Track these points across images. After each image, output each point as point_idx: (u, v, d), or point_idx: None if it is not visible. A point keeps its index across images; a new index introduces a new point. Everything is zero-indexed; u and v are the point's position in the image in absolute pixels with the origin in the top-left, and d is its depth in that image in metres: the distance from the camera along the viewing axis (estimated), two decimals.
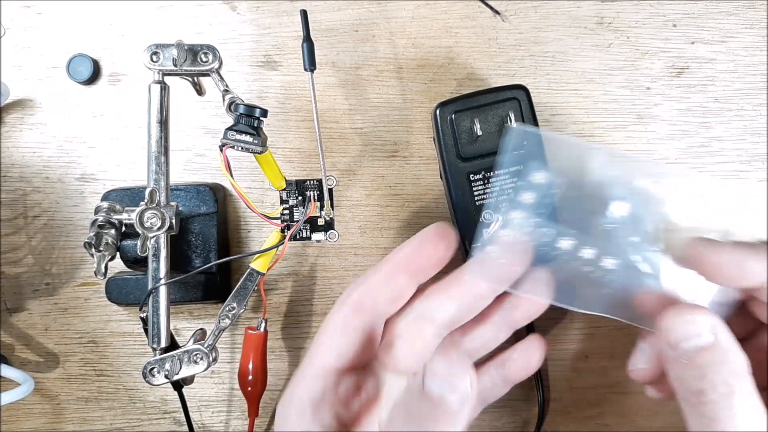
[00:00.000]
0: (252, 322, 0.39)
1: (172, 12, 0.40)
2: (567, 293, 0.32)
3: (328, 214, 0.40)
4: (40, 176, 0.40)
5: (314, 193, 0.40)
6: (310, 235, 0.39)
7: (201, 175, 0.40)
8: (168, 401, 0.40)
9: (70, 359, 0.40)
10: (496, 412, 0.40)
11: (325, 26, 0.40)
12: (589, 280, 0.31)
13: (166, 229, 0.33)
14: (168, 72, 0.33)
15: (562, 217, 0.31)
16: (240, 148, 0.31)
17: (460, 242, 0.34)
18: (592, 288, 0.31)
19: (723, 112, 0.40)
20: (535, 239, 0.31)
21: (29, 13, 0.40)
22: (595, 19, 0.40)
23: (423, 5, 0.40)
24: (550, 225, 0.31)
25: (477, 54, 0.40)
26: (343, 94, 0.40)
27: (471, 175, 0.36)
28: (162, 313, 0.33)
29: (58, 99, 0.40)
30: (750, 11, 0.40)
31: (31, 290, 0.40)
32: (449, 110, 0.36)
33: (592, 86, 0.40)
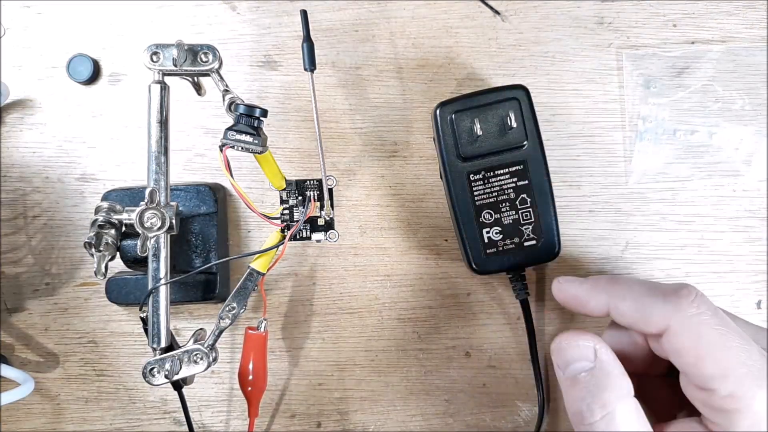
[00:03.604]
0: (252, 322, 0.39)
1: (172, 12, 0.40)
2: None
3: (328, 214, 0.40)
4: (40, 176, 0.40)
5: (314, 193, 0.40)
6: (310, 235, 0.39)
7: (201, 175, 0.40)
8: (168, 401, 0.40)
9: (70, 359, 0.40)
10: (497, 412, 0.40)
11: (325, 26, 0.40)
12: None
13: (166, 229, 0.33)
14: (168, 72, 0.33)
15: None
16: (240, 148, 0.31)
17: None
18: None
19: (723, 112, 0.40)
20: None
21: (29, 13, 0.40)
22: (595, 19, 0.40)
23: (423, 5, 0.40)
24: None
25: (477, 54, 0.40)
26: (343, 94, 0.40)
27: (471, 175, 0.36)
28: (162, 313, 0.33)
29: (58, 99, 0.40)
30: (750, 11, 0.40)
31: (31, 290, 0.40)
32: (449, 110, 0.36)
33: (592, 86, 0.40)
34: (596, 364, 0.28)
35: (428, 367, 0.40)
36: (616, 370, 0.27)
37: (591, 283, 0.31)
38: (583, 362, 0.28)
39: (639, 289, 0.29)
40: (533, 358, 0.38)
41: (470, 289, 0.40)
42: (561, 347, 0.29)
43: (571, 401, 0.28)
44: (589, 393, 0.27)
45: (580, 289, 0.31)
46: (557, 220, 0.36)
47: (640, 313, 0.28)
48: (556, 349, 0.29)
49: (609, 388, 0.27)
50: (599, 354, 0.28)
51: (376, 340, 0.40)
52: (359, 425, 0.40)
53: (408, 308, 0.40)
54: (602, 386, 0.27)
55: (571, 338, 0.29)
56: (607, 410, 0.26)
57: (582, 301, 0.31)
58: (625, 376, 0.27)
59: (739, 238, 0.40)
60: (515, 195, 0.36)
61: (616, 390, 0.27)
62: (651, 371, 0.32)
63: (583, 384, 0.27)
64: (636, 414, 0.26)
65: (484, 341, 0.40)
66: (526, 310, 0.38)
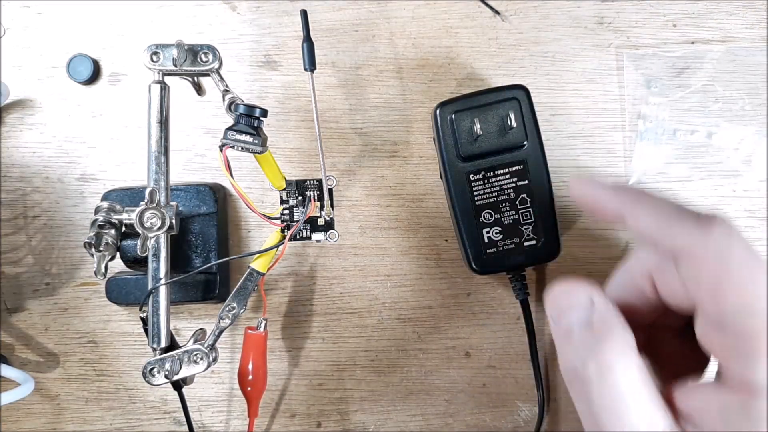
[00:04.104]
0: (252, 322, 0.39)
1: (172, 12, 0.40)
2: None
3: (328, 214, 0.40)
4: (40, 176, 0.40)
5: (314, 193, 0.40)
6: (310, 235, 0.39)
7: (201, 175, 0.40)
8: (168, 401, 0.40)
9: (70, 359, 0.40)
10: (497, 412, 0.40)
11: (325, 26, 0.40)
12: None
13: (166, 229, 0.33)
14: (168, 72, 0.33)
15: None
16: (240, 148, 0.31)
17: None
18: None
19: (723, 112, 0.40)
20: None
21: (29, 13, 0.40)
22: (595, 19, 0.40)
23: (423, 5, 0.40)
24: None
25: (477, 54, 0.40)
26: (343, 94, 0.40)
27: (471, 175, 0.36)
28: (162, 313, 0.33)
29: (58, 99, 0.40)
30: (750, 11, 0.40)
31: (31, 290, 0.40)
32: (449, 110, 0.36)
33: (592, 86, 0.40)
34: (593, 314, 0.24)
35: (428, 367, 0.40)
36: (616, 320, 0.24)
37: (614, 185, 0.27)
38: (578, 312, 0.24)
39: (664, 204, 0.25)
40: (533, 358, 0.38)
41: (470, 289, 0.40)
42: (554, 296, 0.26)
43: (564, 356, 0.24)
44: (584, 345, 0.24)
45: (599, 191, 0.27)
46: (557, 220, 0.36)
47: (664, 226, 0.24)
48: (549, 299, 0.26)
49: (607, 340, 0.23)
50: (596, 302, 0.25)
51: (376, 340, 0.40)
52: (359, 425, 0.40)
53: (408, 308, 0.40)
54: (599, 338, 0.24)
55: (566, 286, 0.25)
56: (604, 365, 0.23)
57: (600, 200, 0.27)
58: (627, 328, 0.24)
59: None
60: (515, 195, 0.36)
61: (615, 343, 0.23)
62: (663, 322, 0.28)
63: (578, 336, 0.24)
64: (638, 371, 0.23)
65: (484, 341, 0.40)
66: (526, 310, 0.38)
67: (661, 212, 0.25)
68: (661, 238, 0.24)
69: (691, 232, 0.23)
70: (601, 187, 0.27)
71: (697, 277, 0.23)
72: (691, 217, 0.24)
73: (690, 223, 0.24)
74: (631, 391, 0.23)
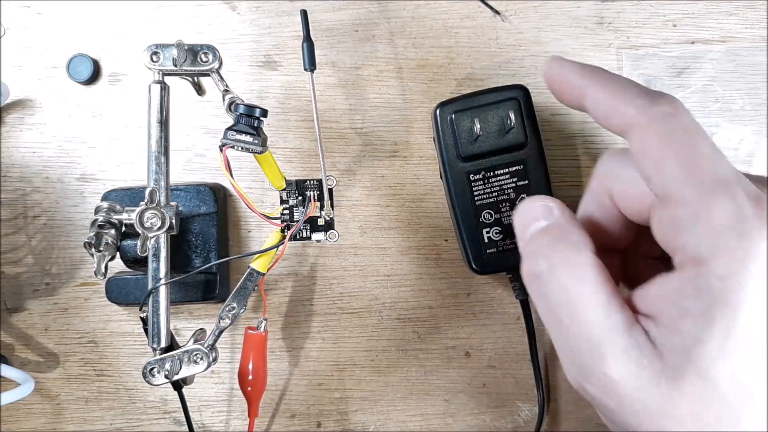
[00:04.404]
0: (252, 322, 0.39)
1: (172, 12, 0.40)
2: None
3: (328, 214, 0.40)
4: (40, 176, 0.40)
5: (314, 193, 0.40)
6: (310, 235, 0.39)
7: (201, 175, 0.40)
8: (168, 401, 0.40)
9: (70, 359, 0.40)
10: (497, 412, 0.40)
11: (325, 26, 0.40)
12: None
13: (166, 229, 0.33)
14: (168, 72, 0.33)
15: None
16: (240, 148, 0.31)
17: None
18: None
19: (723, 112, 0.40)
20: None
21: (29, 13, 0.40)
22: (595, 19, 0.40)
23: (423, 5, 0.40)
24: None
25: (477, 54, 0.40)
26: (343, 94, 0.40)
27: (471, 175, 0.36)
28: (162, 313, 0.33)
29: (58, 99, 0.40)
30: (750, 11, 0.40)
31: (31, 290, 0.40)
32: (449, 110, 0.36)
33: None
34: (552, 221, 0.25)
35: (428, 367, 0.40)
36: (574, 226, 0.24)
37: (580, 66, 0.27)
38: (539, 221, 0.25)
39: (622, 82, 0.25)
40: (533, 358, 0.38)
41: (470, 289, 0.40)
42: (518, 212, 0.26)
43: (524, 262, 0.24)
44: (541, 247, 0.24)
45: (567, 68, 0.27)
46: None
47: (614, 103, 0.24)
48: (516, 216, 0.26)
49: (561, 240, 0.24)
50: (555, 212, 0.25)
51: (376, 340, 0.40)
52: (359, 425, 0.40)
53: (408, 308, 0.40)
54: (555, 239, 0.24)
55: (529, 201, 0.26)
56: (557, 261, 0.23)
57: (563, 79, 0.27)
58: (584, 234, 0.24)
59: None
60: (515, 195, 0.36)
61: (568, 240, 0.24)
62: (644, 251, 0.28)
63: (536, 241, 0.24)
64: (593, 268, 0.23)
65: (484, 341, 0.40)
66: (526, 310, 0.38)
67: (616, 90, 0.25)
68: (613, 114, 0.24)
69: (639, 105, 0.23)
70: (569, 65, 0.27)
71: (643, 150, 0.23)
72: (642, 92, 0.24)
73: (640, 98, 0.23)
74: (584, 285, 0.22)
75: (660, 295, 0.22)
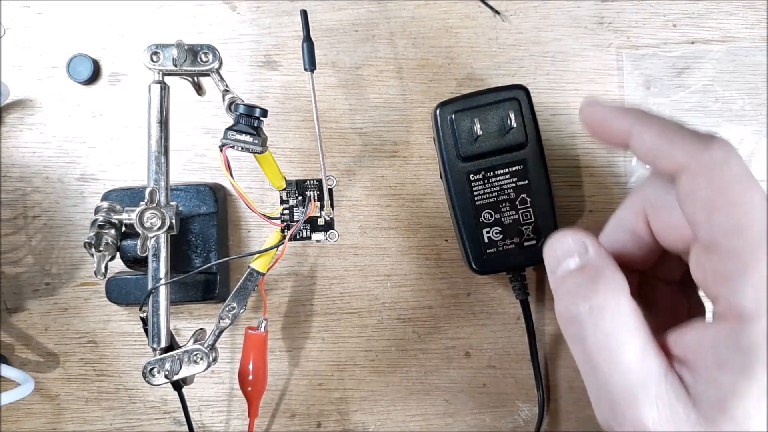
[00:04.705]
0: (252, 322, 0.39)
1: (172, 12, 0.40)
2: None
3: (328, 214, 0.40)
4: (40, 176, 0.40)
5: (314, 193, 0.40)
6: (310, 235, 0.39)
7: (201, 175, 0.40)
8: (168, 401, 0.40)
9: (70, 359, 0.40)
10: (497, 412, 0.40)
11: (325, 26, 0.40)
12: None
13: (166, 229, 0.33)
14: (168, 72, 0.33)
15: None
16: (240, 148, 0.31)
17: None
18: None
19: (723, 112, 0.40)
20: None
21: (29, 13, 0.40)
22: (595, 19, 0.40)
23: (423, 5, 0.40)
24: None
25: (477, 54, 0.40)
26: (343, 94, 0.40)
27: (471, 175, 0.36)
28: (162, 313, 0.33)
29: (58, 99, 0.40)
30: (750, 11, 0.40)
31: (31, 290, 0.40)
32: (449, 110, 0.36)
33: (592, 86, 0.40)
34: (587, 260, 0.25)
35: (428, 367, 0.40)
36: (608, 263, 0.24)
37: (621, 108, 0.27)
38: (573, 258, 0.25)
39: (669, 123, 0.25)
40: (533, 358, 0.38)
41: (470, 289, 0.40)
42: (551, 245, 0.26)
43: (559, 301, 0.24)
44: (577, 288, 0.24)
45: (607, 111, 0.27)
46: (557, 220, 0.36)
47: (663, 145, 0.24)
48: (547, 248, 0.26)
49: (599, 282, 0.24)
50: (590, 249, 0.25)
51: (376, 340, 0.40)
52: (359, 425, 0.40)
53: (408, 308, 0.40)
54: (592, 280, 0.24)
55: (561, 235, 0.26)
56: (595, 304, 0.23)
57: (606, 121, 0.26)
58: (619, 272, 0.24)
59: None
60: (515, 195, 0.36)
61: (607, 284, 0.23)
62: (662, 274, 0.28)
63: (572, 280, 0.24)
64: (631, 312, 0.23)
65: (484, 341, 0.40)
66: (526, 310, 0.38)
67: (663, 131, 0.24)
68: (661, 156, 0.24)
69: (690, 149, 0.23)
70: (609, 108, 0.27)
71: (693, 195, 0.22)
72: (691, 135, 0.23)
73: (690, 141, 0.23)
74: (623, 331, 0.22)
75: (698, 342, 0.22)
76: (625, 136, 0.26)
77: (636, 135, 0.25)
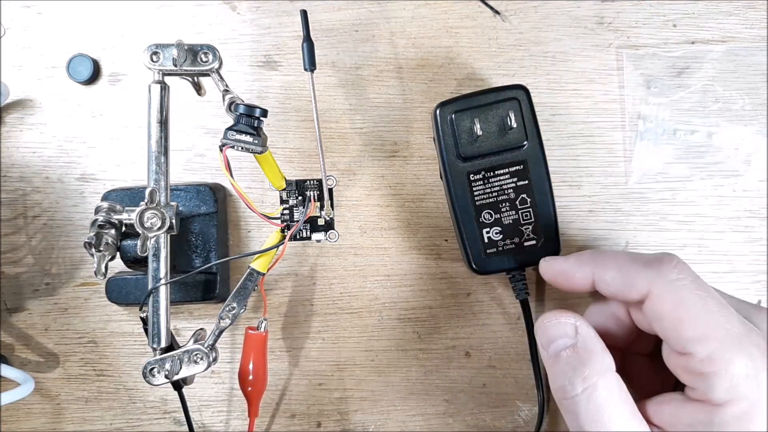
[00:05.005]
0: (252, 322, 0.39)
1: (172, 12, 0.40)
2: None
3: (328, 214, 0.40)
4: (40, 176, 0.40)
5: (314, 193, 0.40)
6: (310, 235, 0.39)
7: (201, 175, 0.40)
8: (168, 401, 0.40)
9: (70, 359, 0.40)
10: (497, 412, 0.40)
11: (325, 26, 0.40)
12: None
13: (166, 229, 0.33)
14: (168, 72, 0.33)
15: None
16: (240, 148, 0.31)
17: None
18: None
19: (723, 112, 0.40)
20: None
21: (29, 13, 0.40)
22: (595, 19, 0.40)
23: (423, 5, 0.40)
24: None
25: (477, 54, 0.40)
26: (343, 94, 0.40)
27: (471, 175, 0.36)
28: (162, 313, 0.33)
29: (58, 99, 0.40)
30: (750, 11, 0.40)
31: (31, 290, 0.40)
32: (449, 110, 0.36)
33: (592, 86, 0.40)
34: (577, 341, 0.28)
35: (428, 367, 0.40)
36: (598, 346, 0.28)
37: (575, 258, 0.31)
38: (564, 339, 0.28)
39: (622, 259, 0.29)
40: (533, 358, 0.38)
41: (470, 289, 0.40)
42: (543, 326, 0.30)
43: (553, 378, 0.28)
44: (571, 368, 0.27)
45: (565, 265, 0.32)
46: (557, 220, 0.36)
47: (623, 281, 0.28)
48: (539, 328, 0.30)
49: (590, 362, 0.27)
50: (580, 330, 0.28)
51: (376, 340, 0.40)
52: (359, 425, 0.40)
53: (408, 308, 0.40)
54: (583, 361, 0.27)
55: (553, 316, 0.29)
56: (588, 383, 0.27)
57: (568, 276, 0.31)
58: (607, 352, 0.28)
59: (739, 238, 0.40)
60: (515, 195, 0.36)
61: (597, 365, 0.27)
62: (636, 349, 0.32)
63: (565, 360, 0.28)
64: (618, 388, 0.27)
65: (484, 341, 0.40)
66: (526, 310, 0.38)
67: (619, 269, 0.29)
68: (625, 292, 0.28)
69: (646, 277, 0.27)
70: (563, 261, 0.32)
71: (658, 315, 0.27)
72: (643, 262, 0.28)
73: (645, 270, 0.28)
74: (612, 406, 0.26)
75: (675, 416, 0.27)
76: (589, 283, 0.30)
77: (598, 280, 0.30)
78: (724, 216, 0.40)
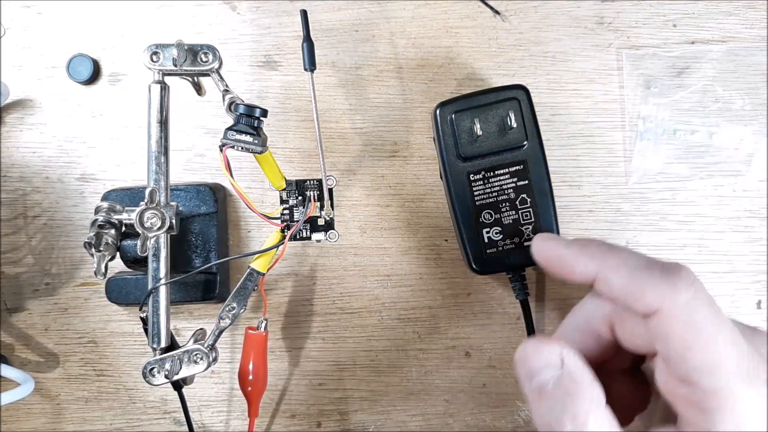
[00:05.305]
0: (252, 322, 0.39)
1: (172, 12, 0.40)
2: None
3: (328, 214, 0.40)
4: (40, 176, 0.40)
5: (314, 193, 0.40)
6: (310, 235, 0.39)
7: (201, 175, 0.40)
8: (168, 401, 0.40)
9: (70, 359, 0.40)
10: (497, 412, 0.40)
11: (325, 26, 0.40)
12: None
13: (166, 229, 0.33)
14: (168, 72, 0.33)
15: None
16: (240, 148, 0.31)
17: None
18: None
19: (723, 112, 0.40)
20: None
21: (29, 13, 0.40)
22: (595, 19, 0.40)
23: (423, 5, 0.40)
24: None
25: (477, 54, 0.40)
26: (343, 94, 0.40)
27: (471, 175, 0.36)
28: (162, 313, 0.33)
29: (58, 99, 0.40)
30: (750, 11, 0.40)
31: (31, 290, 0.40)
32: (449, 110, 0.36)
33: (592, 86, 0.40)
34: (564, 373, 0.25)
35: (428, 367, 0.40)
36: (586, 377, 0.25)
37: (579, 247, 0.27)
38: (549, 370, 0.25)
39: (635, 263, 0.26)
40: None
41: (470, 289, 0.40)
42: (524, 356, 0.26)
43: (538, 414, 0.25)
44: (558, 404, 0.24)
45: (566, 252, 0.27)
46: (557, 220, 0.36)
47: (632, 291, 0.25)
48: (519, 360, 0.26)
49: (579, 398, 0.24)
50: (566, 361, 0.25)
51: (376, 340, 0.40)
52: (359, 425, 0.40)
53: (408, 308, 0.40)
54: (572, 396, 0.24)
55: (535, 345, 0.26)
56: (578, 422, 0.24)
57: (566, 265, 0.27)
58: (596, 383, 0.25)
59: (739, 238, 0.40)
60: (515, 195, 0.36)
61: (587, 401, 0.24)
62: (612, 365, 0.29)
63: (551, 394, 0.25)
64: (609, 424, 0.24)
65: (484, 341, 0.40)
66: (526, 310, 0.38)
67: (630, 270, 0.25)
68: (632, 301, 0.25)
69: (659, 290, 0.24)
70: (564, 246, 0.28)
71: (666, 335, 0.24)
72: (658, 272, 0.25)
73: (658, 282, 0.25)
74: None
75: None
76: (589, 279, 0.27)
77: (602, 280, 0.26)
78: (724, 216, 0.40)
